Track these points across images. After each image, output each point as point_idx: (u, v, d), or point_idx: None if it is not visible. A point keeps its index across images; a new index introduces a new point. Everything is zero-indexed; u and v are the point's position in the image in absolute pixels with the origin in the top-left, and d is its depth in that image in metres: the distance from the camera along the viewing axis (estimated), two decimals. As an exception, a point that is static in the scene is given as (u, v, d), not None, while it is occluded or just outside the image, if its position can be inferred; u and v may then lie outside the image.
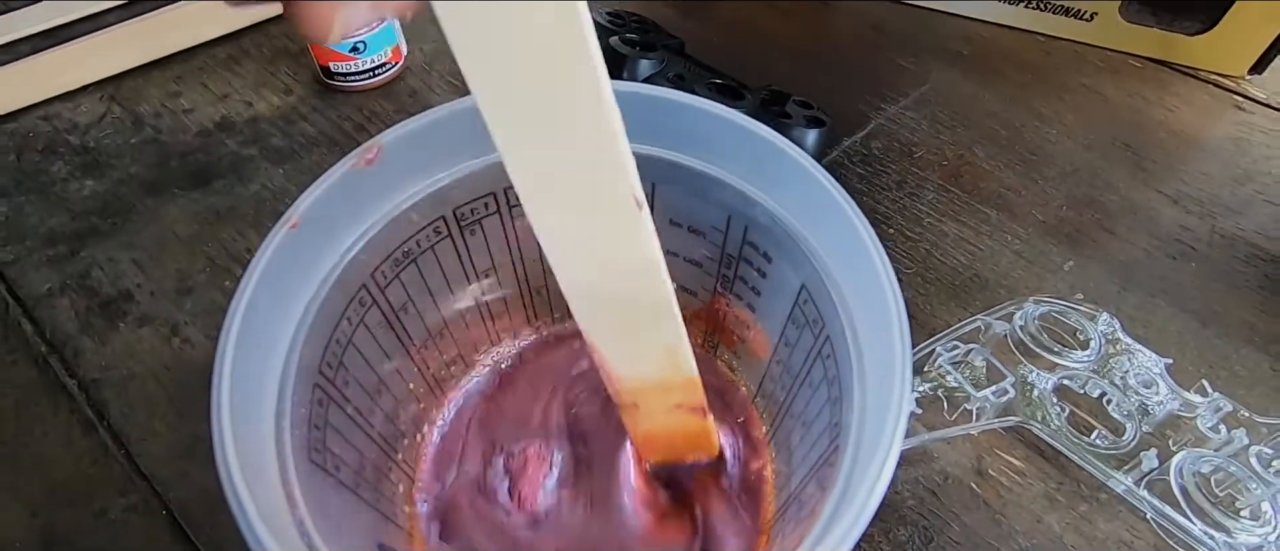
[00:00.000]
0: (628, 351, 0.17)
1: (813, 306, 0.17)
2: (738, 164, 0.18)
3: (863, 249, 0.15)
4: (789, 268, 0.18)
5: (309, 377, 0.15)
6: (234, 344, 0.13)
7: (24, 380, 0.29)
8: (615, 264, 0.15)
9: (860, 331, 0.15)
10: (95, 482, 0.27)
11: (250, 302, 0.14)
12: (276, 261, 0.15)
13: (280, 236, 0.15)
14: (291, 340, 0.15)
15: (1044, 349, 0.28)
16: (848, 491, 0.13)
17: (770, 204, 0.18)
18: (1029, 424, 0.27)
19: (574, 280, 0.16)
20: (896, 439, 0.12)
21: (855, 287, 0.16)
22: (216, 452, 0.12)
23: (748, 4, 0.46)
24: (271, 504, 0.12)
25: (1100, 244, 0.34)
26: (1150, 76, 0.42)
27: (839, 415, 0.16)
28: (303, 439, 0.14)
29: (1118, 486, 0.25)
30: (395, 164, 0.17)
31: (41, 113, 0.39)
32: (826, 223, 0.16)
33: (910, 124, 0.39)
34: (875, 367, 0.14)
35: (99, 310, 0.31)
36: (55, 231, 0.34)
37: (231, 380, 0.13)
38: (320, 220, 0.16)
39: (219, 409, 0.12)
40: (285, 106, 0.39)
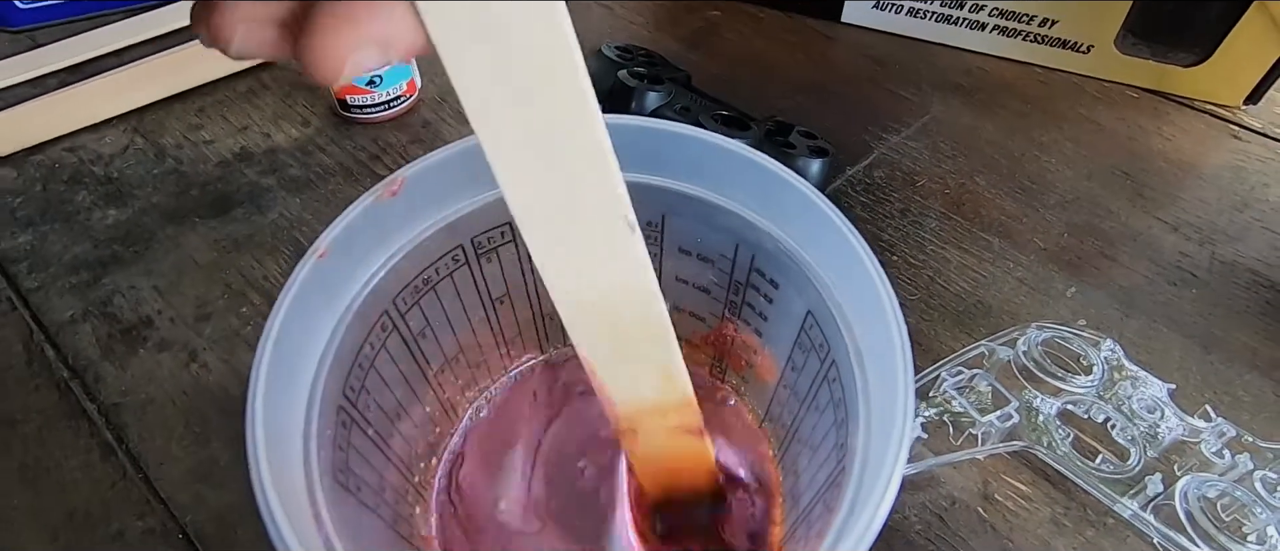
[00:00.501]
0: (624, 373, 0.18)
1: (818, 331, 0.18)
2: (744, 194, 0.19)
3: (865, 274, 0.16)
4: (795, 293, 0.19)
5: (334, 400, 0.16)
6: (267, 367, 0.14)
7: (46, 404, 0.30)
8: (609, 286, 0.16)
9: (865, 355, 0.16)
10: (114, 505, 0.27)
11: (282, 327, 0.15)
12: (306, 288, 0.15)
13: (310, 265, 0.16)
14: (318, 364, 0.16)
15: (1047, 374, 0.29)
16: (854, 512, 0.14)
17: (776, 232, 0.18)
18: (1034, 448, 0.27)
19: (569, 303, 0.16)
20: (900, 459, 0.13)
21: (859, 312, 0.16)
22: (252, 472, 0.13)
23: (752, 38, 0.47)
24: (302, 522, 0.13)
25: (1102, 270, 0.35)
26: (1147, 106, 0.43)
27: (845, 437, 0.16)
28: (328, 460, 0.15)
29: (1124, 511, 0.26)
30: (416, 195, 0.18)
31: (67, 144, 0.40)
32: (830, 249, 0.17)
33: (912, 153, 0.40)
34: (879, 390, 0.15)
35: (120, 336, 0.32)
36: (79, 259, 0.35)
37: (265, 401, 0.13)
38: (346, 250, 0.17)
39: (253, 429, 0.13)
40: (303, 138, 0.40)
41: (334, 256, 0.16)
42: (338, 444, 0.16)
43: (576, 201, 0.14)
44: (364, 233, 0.17)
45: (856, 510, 0.13)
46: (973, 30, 0.45)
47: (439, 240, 0.19)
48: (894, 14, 0.46)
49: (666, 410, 0.19)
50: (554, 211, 0.14)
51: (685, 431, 0.19)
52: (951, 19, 0.45)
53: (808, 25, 0.48)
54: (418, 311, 0.19)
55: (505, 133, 0.13)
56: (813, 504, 0.18)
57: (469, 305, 0.21)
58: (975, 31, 0.45)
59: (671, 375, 0.18)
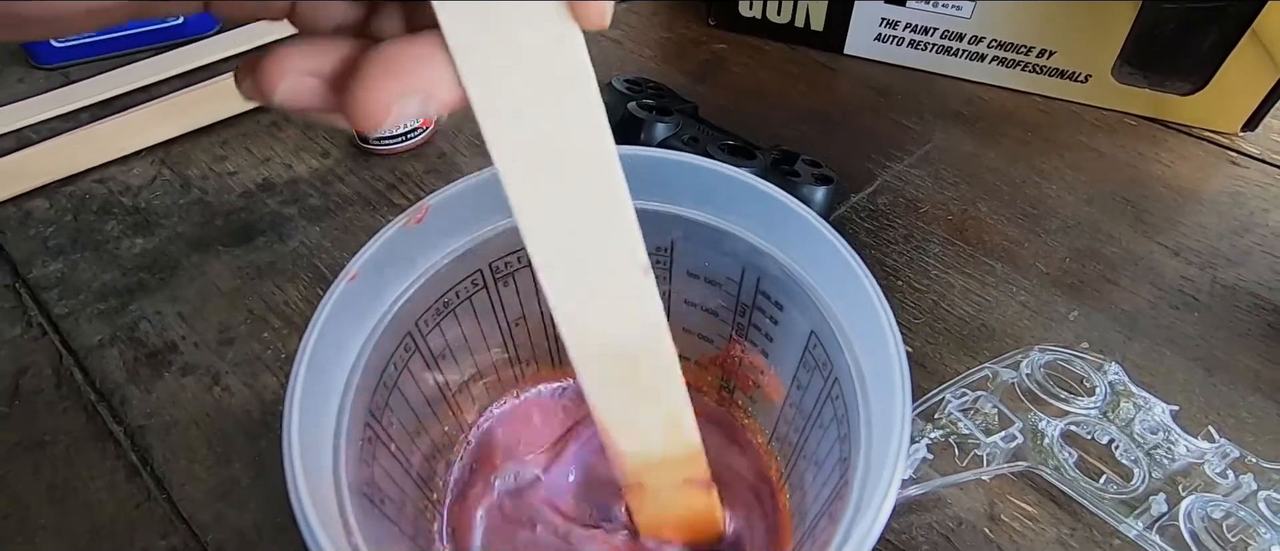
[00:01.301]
0: (633, 422, 0.18)
1: (821, 350, 0.19)
2: (750, 220, 0.20)
3: (865, 295, 0.17)
4: (799, 314, 0.19)
5: (361, 417, 0.17)
6: (303, 383, 0.15)
7: (74, 426, 0.31)
8: (622, 329, 0.17)
9: (865, 371, 0.17)
10: (138, 525, 0.28)
11: (316, 345, 0.15)
12: (338, 309, 0.16)
13: (342, 287, 0.17)
14: (346, 381, 0.17)
15: (1051, 396, 0.29)
16: (855, 520, 0.14)
17: (780, 256, 0.19)
18: (1039, 469, 0.27)
19: (582, 346, 0.17)
20: (898, 467, 0.14)
21: (859, 331, 0.17)
22: (289, 482, 0.13)
23: (757, 70, 0.49)
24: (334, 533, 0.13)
25: (1104, 294, 0.35)
26: (1145, 133, 0.44)
27: (847, 451, 0.17)
28: (355, 474, 0.16)
29: (1129, 531, 0.26)
30: (440, 223, 0.19)
31: (97, 176, 0.42)
32: (832, 272, 0.18)
33: (915, 181, 0.41)
34: (879, 404, 0.16)
35: (146, 360, 0.33)
36: (107, 286, 0.36)
37: (300, 415, 0.14)
38: (375, 273, 0.18)
39: (290, 442, 0.14)
40: (323, 169, 0.42)
41: (364, 279, 0.17)
42: (364, 459, 0.16)
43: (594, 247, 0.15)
44: (391, 257, 0.18)
45: (857, 517, 0.14)
46: (972, 61, 0.46)
47: (460, 265, 0.20)
48: (895, 46, 0.47)
49: (675, 463, 0.19)
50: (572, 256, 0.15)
51: (693, 484, 0.20)
52: (952, 50, 0.46)
53: (811, 57, 0.50)
54: (438, 333, 0.20)
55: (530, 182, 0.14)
56: (818, 516, 0.18)
57: (486, 328, 0.22)
58: (975, 62, 0.46)
59: (680, 424, 0.19)
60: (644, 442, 0.19)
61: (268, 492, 0.28)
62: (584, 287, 0.16)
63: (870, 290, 0.17)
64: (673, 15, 0.53)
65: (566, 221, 0.15)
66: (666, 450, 0.19)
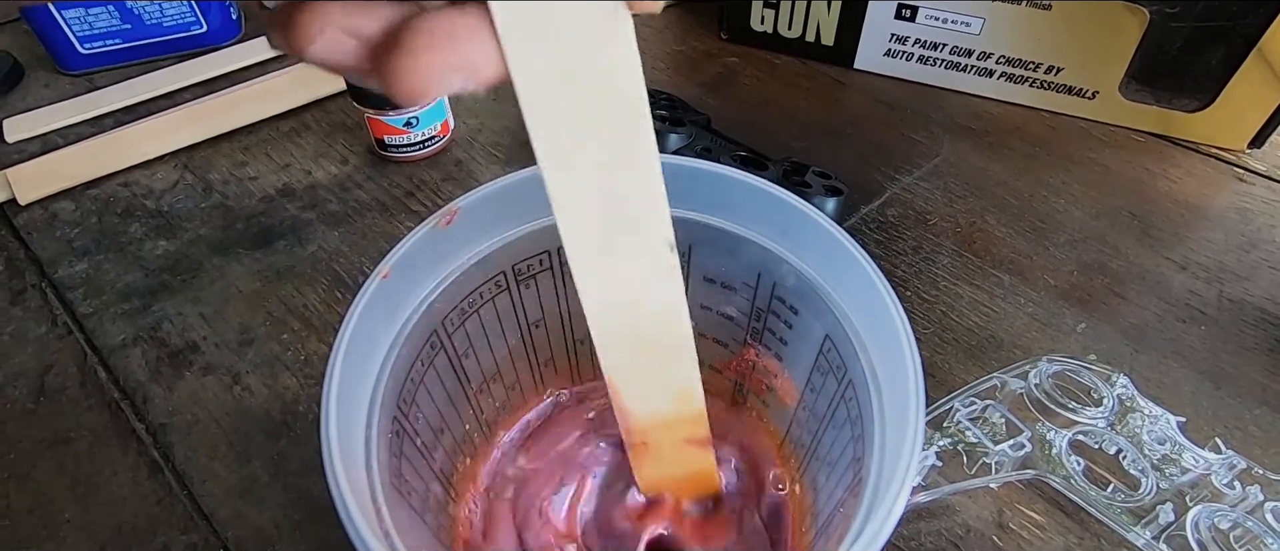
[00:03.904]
0: (645, 388, 0.19)
1: (836, 354, 0.19)
2: (766, 226, 0.20)
3: (880, 299, 0.17)
4: (813, 319, 0.20)
5: (389, 411, 0.17)
6: (340, 373, 0.15)
7: (97, 424, 0.31)
8: (642, 301, 0.17)
9: (879, 373, 0.17)
10: (159, 521, 0.28)
11: (351, 339, 0.16)
12: (372, 305, 0.17)
13: (375, 285, 0.17)
14: (377, 377, 0.17)
15: (1059, 406, 0.29)
16: (869, 516, 0.15)
17: (796, 262, 0.20)
18: (1047, 477, 0.28)
19: (603, 317, 0.17)
20: (912, 463, 0.14)
21: (873, 334, 0.17)
22: (326, 468, 0.14)
23: (768, 83, 0.49)
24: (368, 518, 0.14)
25: (1111, 307, 0.36)
26: (1152, 149, 0.44)
27: (861, 451, 0.17)
28: (386, 465, 0.16)
29: (1137, 540, 0.26)
30: (467, 225, 0.19)
31: (122, 180, 0.42)
32: (846, 277, 0.18)
33: (924, 193, 0.41)
34: (893, 404, 0.16)
35: (168, 360, 0.34)
36: (130, 287, 0.37)
37: (338, 406, 0.15)
38: (405, 272, 0.18)
39: (328, 431, 0.14)
40: (341, 175, 0.43)
41: (395, 277, 0.18)
42: (392, 451, 0.17)
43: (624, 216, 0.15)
44: (421, 257, 0.19)
45: (872, 511, 0.14)
46: (981, 76, 0.47)
47: (484, 266, 0.20)
48: (905, 61, 0.48)
49: (678, 423, 0.20)
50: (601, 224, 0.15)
51: (694, 443, 0.21)
52: (960, 65, 0.47)
53: (821, 71, 0.50)
54: (463, 332, 0.21)
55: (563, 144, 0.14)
56: (832, 514, 0.19)
57: (507, 328, 0.22)
58: (983, 78, 0.47)
59: (689, 390, 0.19)
60: (652, 404, 0.19)
61: (286, 490, 0.29)
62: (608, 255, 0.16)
63: (885, 295, 0.17)
64: (685, 28, 0.54)
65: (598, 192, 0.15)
66: (674, 412, 0.19)
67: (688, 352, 0.18)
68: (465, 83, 0.12)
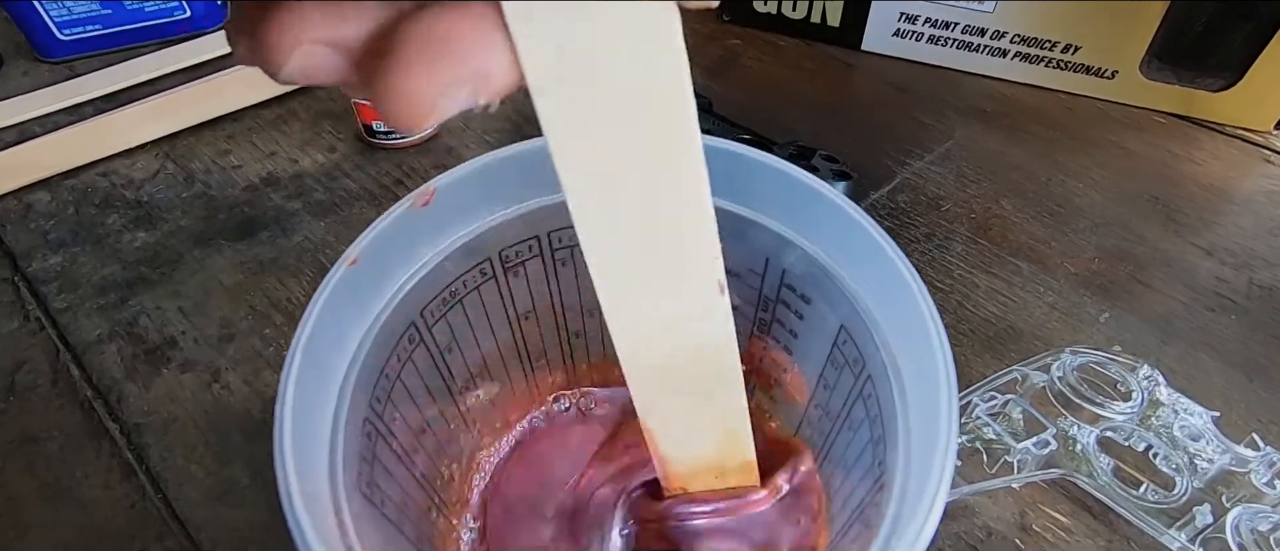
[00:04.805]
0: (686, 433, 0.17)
1: (852, 346, 0.17)
2: (774, 206, 0.18)
3: (902, 283, 0.15)
4: (827, 308, 0.18)
5: (360, 412, 0.16)
6: (297, 373, 0.14)
7: (70, 424, 0.30)
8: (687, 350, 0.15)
9: (902, 367, 0.15)
10: (132, 526, 0.27)
11: (313, 334, 0.14)
12: (337, 296, 0.15)
13: (341, 273, 0.15)
14: (345, 374, 0.15)
15: (1085, 400, 0.28)
16: (897, 527, 0.13)
17: (807, 245, 0.18)
18: (1074, 477, 0.26)
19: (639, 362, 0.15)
20: (946, 469, 0.12)
21: (896, 324, 0.16)
22: (279, 478, 0.12)
23: (772, 66, 0.48)
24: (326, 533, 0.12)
25: (1136, 296, 0.34)
26: (1175, 131, 0.43)
27: (882, 454, 0.16)
28: (354, 472, 0.15)
29: (1171, 543, 0.24)
30: (446, 207, 0.18)
31: (101, 169, 0.41)
32: (864, 260, 0.17)
33: (936, 178, 0.40)
34: (920, 401, 0.14)
35: (144, 356, 0.32)
36: (107, 280, 0.35)
37: (294, 409, 0.13)
38: (377, 259, 0.17)
39: (282, 437, 0.13)
40: (328, 163, 0.41)
41: (365, 265, 0.16)
42: (364, 456, 0.15)
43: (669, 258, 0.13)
44: (395, 243, 0.17)
45: (900, 525, 0.13)
46: (994, 57, 0.45)
47: (467, 253, 0.19)
48: (914, 41, 0.46)
49: (725, 472, 0.18)
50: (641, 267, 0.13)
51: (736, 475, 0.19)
52: (973, 46, 0.45)
53: (828, 53, 0.49)
54: (444, 325, 0.19)
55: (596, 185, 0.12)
56: (849, 524, 0.17)
57: (495, 320, 0.21)
58: (997, 58, 0.45)
59: (738, 436, 0.17)
60: (693, 452, 0.17)
61: (267, 494, 0.27)
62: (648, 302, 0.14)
63: (908, 278, 0.15)
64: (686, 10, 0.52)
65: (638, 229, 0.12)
66: (718, 458, 0.18)
67: (736, 394, 0.16)
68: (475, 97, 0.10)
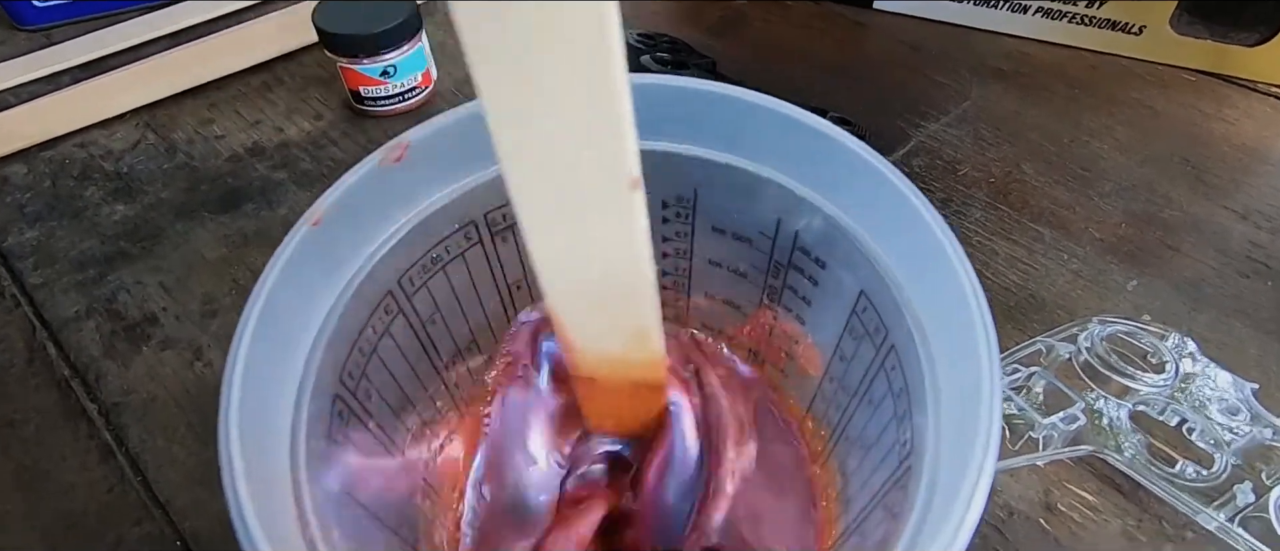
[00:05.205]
0: (595, 327, 0.16)
1: (873, 314, 0.16)
2: (786, 161, 0.17)
3: (931, 240, 0.14)
4: (845, 273, 0.17)
5: (329, 388, 0.14)
6: (249, 343, 0.12)
7: (46, 404, 0.29)
8: (597, 243, 0.14)
9: (930, 335, 0.14)
10: (111, 510, 0.26)
11: (269, 301, 0.13)
12: (297, 260, 0.14)
13: (301, 234, 0.14)
14: (311, 346, 0.14)
15: (1115, 372, 0.26)
16: (928, 515, 0.11)
17: (823, 203, 0.16)
18: (1104, 454, 0.24)
19: (549, 252, 0.14)
20: (989, 453, 0.11)
21: (924, 287, 0.14)
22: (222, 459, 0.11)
23: (779, 25, 0.45)
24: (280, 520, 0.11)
25: (1165, 262, 0.32)
26: (1205, 89, 0.40)
27: (907, 433, 0.14)
28: (321, 453, 0.13)
29: (1209, 522, 0.23)
30: (424, 163, 0.16)
31: (78, 140, 0.39)
32: (887, 216, 0.15)
33: (953, 141, 0.38)
34: (953, 374, 0.13)
35: (123, 334, 0.31)
36: (85, 255, 0.34)
37: (245, 382, 0.12)
38: (344, 220, 0.15)
39: (228, 413, 0.11)
40: (315, 132, 0.39)
41: (331, 226, 0.14)
42: (333, 436, 0.14)
43: (578, 146, 0.12)
44: (364, 202, 0.15)
45: (934, 513, 0.11)
46: (1014, 13, 0.43)
47: (449, 214, 0.17)
48: (929, -1, 0.44)
49: (631, 365, 0.17)
50: (550, 154, 0.12)
51: (648, 388, 0.18)
52: (991, 2, 0.43)
53: (838, 12, 0.46)
54: (426, 294, 0.17)
55: (505, 66, 0.11)
56: (869, 509, 0.15)
57: (483, 290, 0.19)
58: (1017, 15, 0.43)
59: (647, 336, 0.16)
60: (602, 345, 0.17)
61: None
62: (559, 191, 0.13)
63: (939, 234, 0.14)
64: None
65: (547, 116, 0.12)
66: (626, 353, 0.17)
67: (647, 294, 0.15)
68: None
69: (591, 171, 0.13)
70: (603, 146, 0.12)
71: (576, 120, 0.12)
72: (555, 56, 0.11)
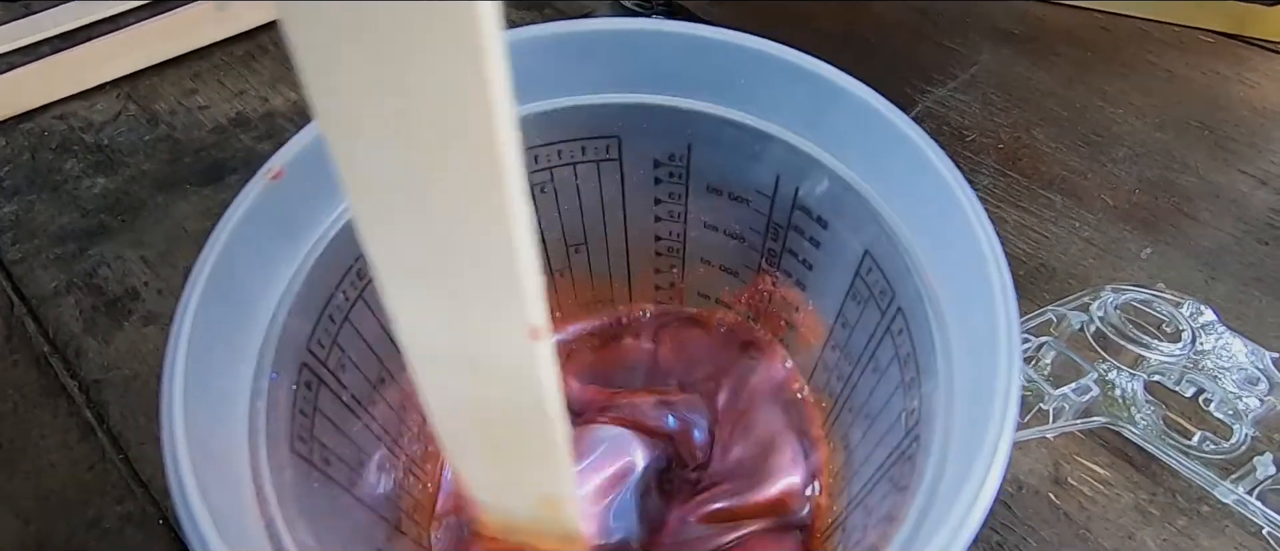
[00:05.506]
0: (499, 494, 0.14)
1: (878, 275, 0.15)
2: (787, 112, 0.16)
3: (946, 192, 0.13)
4: (849, 232, 0.15)
5: (295, 356, 0.13)
6: (197, 303, 0.11)
7: (23, 381, 0.28)
8: (498, 396, 0.12)
9: (943, 298, 0.13)
10: (91, 489, 0.25)
11: (222, 259, 0.12)
12: (256, 216, 0.13)
13: (260, 187, 0.13)
14: (274, 310, 0.13)
15: (1129, 341, 0.25)
16: (939, 488, 0.11)
17: (826, 157, 0.15)
18: (1118, 425, 0.23)
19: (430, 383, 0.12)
20: (1007, 419, 0.10)
21: (936, 246, 0.13)
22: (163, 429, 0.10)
23: (781, -11, 0.44)
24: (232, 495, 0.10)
25: (1181, 229, 0.31)
26: (1224, 51, 0.39)
27: (915, 401, 0.13)
28: (284, 424, 0.12)
29: (1226, 496, 0.22)
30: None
31: (57, 112, 0.38)
32: (896, 169, 0.14)
33: (960, 107, 0.36)
34: (967, 337, 0.12)
35: (104, 309, 0.30)
36: (65, 229, 0.33)
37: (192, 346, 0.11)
38: (309, 175, 0.14)
39: (171, 380, 0.10)
40: (301, 102, 0.38)
41: (294, 181, 0.13)
42: (300, 407, 0.13)
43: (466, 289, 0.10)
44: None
45: (945, 485, 0.10)
46: (1025, -26, 0.41)
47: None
48: (936, -41, 0.42)
49: (544, 534, 0.14)
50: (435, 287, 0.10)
51: None
52: (1001, -38, 0.41)
53: (841, -25, 0.45)
54: (403, 259, 0.16)
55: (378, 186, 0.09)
56: (872, 482, 0.15)
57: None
58: (1028, -25, 0.41)
59: (558, 508, 0.14)
60: (510, 506, 0.14)
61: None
62: (449, 334, 0.11)
63: (955, 188, 0.13)
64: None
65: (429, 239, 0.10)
66: (537, 518, 0.14)
67: (558, 462, 0.13)
68: None
69: (479, 310, 0.10)
70: (495, 289, 0.10)
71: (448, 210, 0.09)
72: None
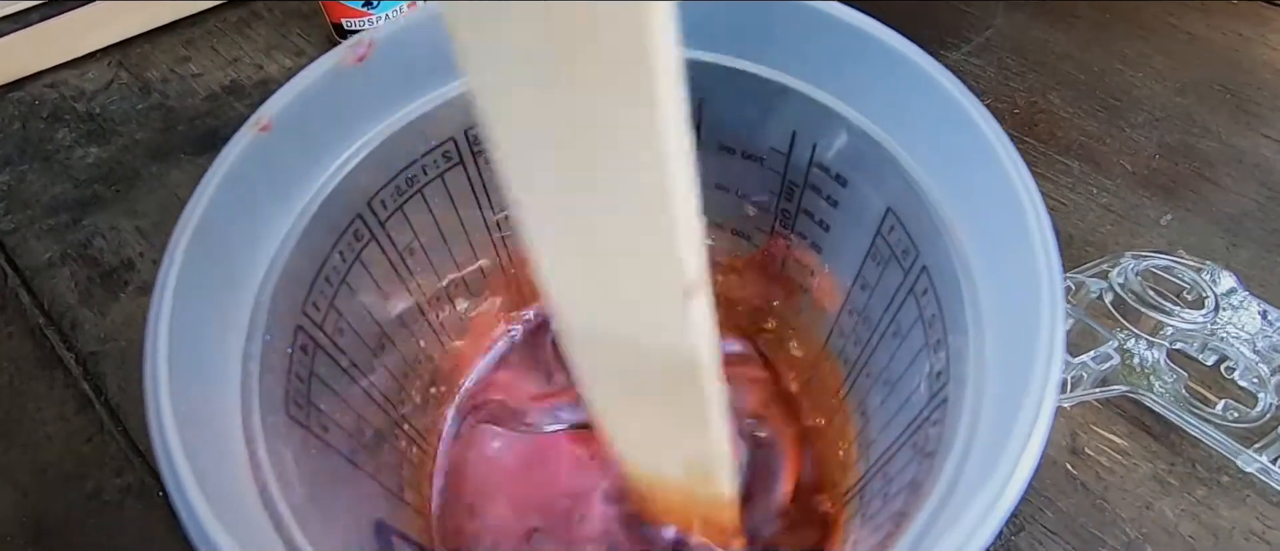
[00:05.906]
0: (652, 457, 0.14)
1: (901, 233, 0.14)
2: (805, 63, 0.15)
3: (980, 140, 0.12)
4: (870, 189, 0.15)
5: (289, 318, 0.13)
6: (181, 260, 0.11)
7: (19, 353, 0.28)
8: (650, 357, 0.12)
9: (971, 252, 0.12)
10: (89, 461, 0.25)
11: (207, 216, 0.11)
12: (243, 171, 0.12)
13: (247, 140, 0.12)
14: (266, 272, 0.12)
15: (1149, 307, 0.24)
16: (973, 449, 0.10)
17: (846, 110, 0.14)
18: (1138, 393, 0.23)
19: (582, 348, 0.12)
20: (1051, 381, 0.09)
21: (964, 194, 0.12)
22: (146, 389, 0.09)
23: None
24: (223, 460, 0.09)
25: (1202, 195, 0.30)
26: (1247, 12, 0.38)
27: (942, 362, 0.13)
28: (278, 389, 0.12)
29: (1248, 465, 0.22)
30: (393, 67, 0.14)
31: (48, 80, 0.37)
32: (922, 118, 0.13)
33: (975, 71, 0.35)
34: (999, 292, 0.11)
35: (99, 280, 0.29)
36: (58, 200, 0.32)
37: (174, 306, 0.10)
38: (300, 128, 0.13)
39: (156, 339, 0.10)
40: (296, 68, 0.37)
41: (283, 135, 0.13)
42: (296, 371, 0.12)
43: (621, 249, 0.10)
44: (323, 110, 0.13)
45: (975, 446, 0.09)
46: (1042, -67, 0.39)
47: (425, 129, 0.15)
48: (951, -81, 0.41)
49: (694, 501, 0.15)
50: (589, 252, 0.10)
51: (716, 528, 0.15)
52: (1018, -79, 0.39)
53: (852, -63, 0.43)
54: (402, 219, 0.16)
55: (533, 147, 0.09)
56: (892, 449, 0.14)
57: (467, 217, 0.17)
58: (1045, -65, 0.39)
59: (710, 472, 0.14)
60: (661, 469, 0.14)
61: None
62: (602, 296, 0.11)
63: (988, 132, 0.12)
64: None
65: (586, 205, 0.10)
66: (689, 486, 0.14)
67: (710, 424, 0.13)
68: None
69: (631, 266, 0.10)
70: (643, 237, 0.10)
71: (602, 188, 0.10)
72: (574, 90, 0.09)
